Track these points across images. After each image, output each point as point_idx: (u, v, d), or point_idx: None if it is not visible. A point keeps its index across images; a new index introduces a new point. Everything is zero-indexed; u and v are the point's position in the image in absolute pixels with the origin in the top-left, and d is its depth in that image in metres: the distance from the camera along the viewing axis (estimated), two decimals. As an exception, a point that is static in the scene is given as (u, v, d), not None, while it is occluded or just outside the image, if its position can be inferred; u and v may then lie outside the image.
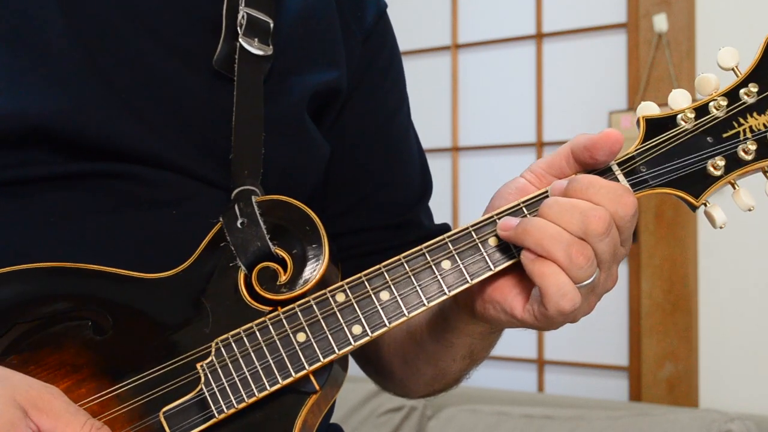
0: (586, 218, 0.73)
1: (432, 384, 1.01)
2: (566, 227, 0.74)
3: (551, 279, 0.74)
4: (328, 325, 0.78)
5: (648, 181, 0.80)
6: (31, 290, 0.79)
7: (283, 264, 0.81)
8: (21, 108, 0.82)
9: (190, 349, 0.79)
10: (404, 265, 0.79)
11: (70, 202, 0.84)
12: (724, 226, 0.80)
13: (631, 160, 0.80)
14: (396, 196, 1.04)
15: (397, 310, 0.79)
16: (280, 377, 0.78)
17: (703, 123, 0.81)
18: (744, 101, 0.81)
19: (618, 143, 0.78)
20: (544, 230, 0.74)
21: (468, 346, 0.92)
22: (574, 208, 0.74)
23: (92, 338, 0.78)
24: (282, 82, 0.92)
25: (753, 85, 0.81)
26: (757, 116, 0.81)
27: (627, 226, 0.76)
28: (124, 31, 0.87)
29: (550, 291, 0.74)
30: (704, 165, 0.80)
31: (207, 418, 0.77)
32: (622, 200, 0.75)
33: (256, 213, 0.82)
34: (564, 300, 0.74)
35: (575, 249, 0.74)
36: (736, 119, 0.81)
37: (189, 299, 0.81)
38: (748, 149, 0.80)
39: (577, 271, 0.74)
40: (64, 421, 0.71)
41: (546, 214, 0.75)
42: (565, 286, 0.74)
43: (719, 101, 0.81)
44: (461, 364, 0.95)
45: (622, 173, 0.80)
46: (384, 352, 1.03)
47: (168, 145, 0.86)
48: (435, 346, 0.94)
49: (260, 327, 0.79)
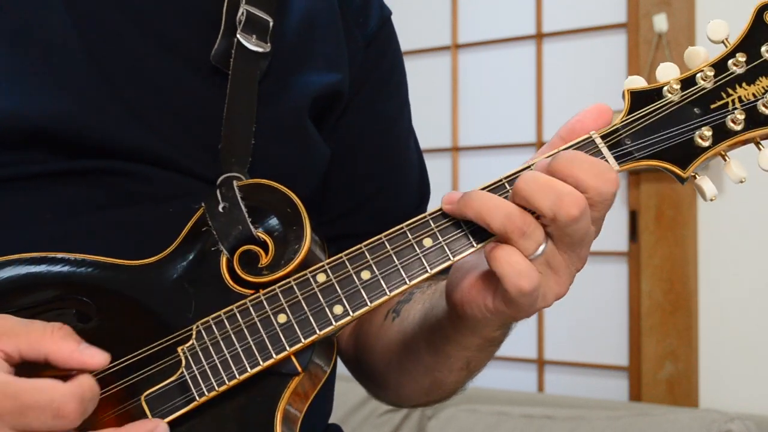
0: (559, 200, 0.72)
1: (428, 394, 1.01)
2: (537, 206, 0.73)
3: (504, 260, 0.73)
4: (308, 306, 0.78)
5: (633, 153, 0.78)
6: (15, 280, 0.79)
7: (264, 247, 0.81)
8: (21, 108, 0.82)
9: (171, 333, 0.79)
10: (385, 243, 0.78)
11: (67, 199, 0.84)
12: (715, 198, 0.78)
13: (615, 132, 0.78)
14: (394, 202, 1.05)
15: (378, 289, 0.78)
16: (261, 359, 0.77)
17: (690, 94, 0.79)
18: (732, 71, 0.80)
19: (607, 112, 0.77)
20: (483, 201, 0.74)
21: (465, 358, 0.92)
22: (549, 188, 0.72)
23: (76, 326, 0.77)
24: (281, 83, 0.92)
25: (741, 55, 0.80)
26: (746, 86, 0.79)
27: (605, 204, 0.74)
28: (126, 31, 0.87)
29: (506, 272, 0.73)
30: (691, 136, 0.78)
31: (188, 401, 0.77)
32: (605, 176, 0.73)
33: (237, 197, 0.82)
34: (521, 279, 0.73)
35: (513, 218, 0.73)
36: (724, 89, 0.79)
37: (171, 284, 0.81)
38: (737, 119, 0.78)
39: (520, 241, 0.73)
40: (24, 333, 0.70)
41: (520, 188, 0.73)
42: (519, 264, 0.73)
43: (706, 72, 0.79)
44: (457, 375, 0.95)
45: (606, 146, 0.78)
46: (378, 362, 1.03)
47: (166, 143, 0.86)
48: (432, 357, 0.94)
49: (240, 309, 0.79)
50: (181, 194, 0.86)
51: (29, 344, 0.70)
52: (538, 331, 2.66)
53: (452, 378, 0.95)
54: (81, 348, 0.71)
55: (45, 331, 0.70)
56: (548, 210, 0.72)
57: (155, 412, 0.76)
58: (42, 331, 0.70)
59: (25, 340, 0.70)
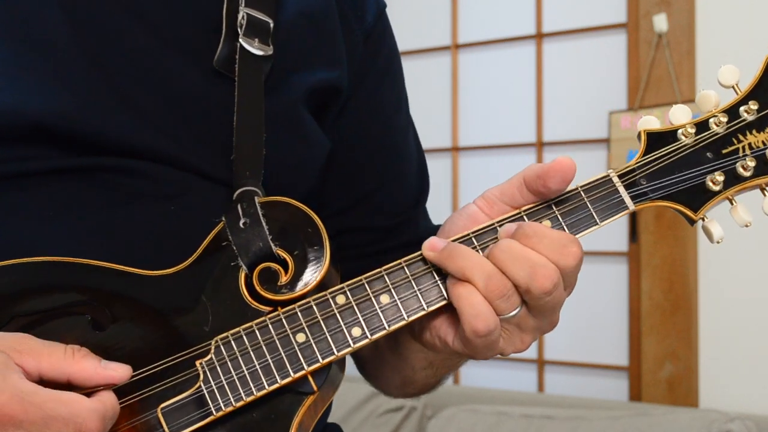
0: (534, 273, 0.74)
1: (403, 388, 1.03)
2: (512, 277, 0.75)
3: (466, 299, 0.75)
4: (327, 327, 0.79)
5: (648, 194, 0.81)
6: (30, 284, 0.79)
7: (284, 265, 0.81)
8: (21, 104, 0.82)
9: (189, 347, 0.79)
10: (405, 269, 0.80)
11: (69, 197, 0.84)
12: (721, 241, 0.81)
13: (632, 172, 0.82)
14: (394, 197, 1.05)
15: (396, 314, 0.79)
16: (278, 377, 0.78)
17: (704, 138, 0.82)
18: (744, 118, 0.82)
19: (571, 170, 0.79)
20: (467, 258, 0.76)
21: (424, 359, 0.94)
22: (525, 260, 0.75)
23: (91, 333, 0.78)
24: (281, 80, 0.92)
25: (753, 103, 0.82)
26: (756, 133, 0.82)
27: (572, 274, 0.77)
28: (126, 28, 0.87)
29: (465, 311, 0.75)
30: (703, 180, 0.81)
31: (205, 415, 0.77)
32: (565, 251, 0.76)
33: (258, 213, 0.82)
34: (477, 320, 0.75)
35: (494, 281, 0.75)
36: (735, 136, 0.82)
37: (189, 297, 0.81)
38: (747, 166, 0.81)
39: (496, 302, 0.75)
40: (46, 354, 0.71)
41: (496, 257, 0.76)
42: (479, 305, 0.75)
43: (720, 117, 0.82)
44: (423, 373, 0.97)
45: (623, 185, 0.81)
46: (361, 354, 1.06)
47: (167, 140, 0.86)
48: (392, 356, 0.96)
49: (260, 326, 0.79)
50: (182, 192, 0.86)
51: (51, 365, 0.71)
52: (538, 331, 2.66)
53: (419, 375, 0.98)
54: (104, 364, 0.73)
55: (66, 352, 0.72)
56: (522, 282, 0.75)
57: (171, 425, 0.76)
58: (63, 353, 0.72)
59: (47, 361, 0.71)
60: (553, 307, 0.78)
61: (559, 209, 0.81)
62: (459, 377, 2.80)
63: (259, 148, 0.87)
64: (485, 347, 0.78)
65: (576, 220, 0.81)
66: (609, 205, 0.81)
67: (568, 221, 0.81)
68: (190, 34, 0.90)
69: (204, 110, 0.88)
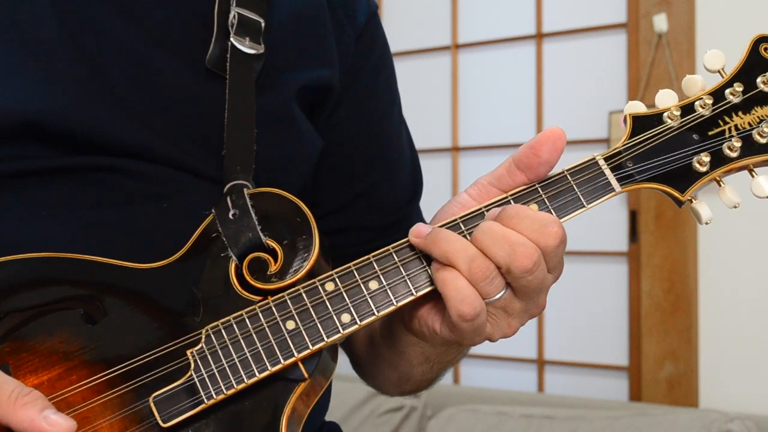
0: (514, 252, 0.75)
1: (400, 385, 1.04)
2: (493, 257, 0.76)
3: (450, 284, 0.76)
4: (317, 314, 0.79)
5: (634, 176, 0.81)
6: (23, 280, 0.79)
7: (273, 254, 0.82)
8: (14, 104, 0.83)
9: (180, 337, 0.80)
10: (393, 255, 0.81)
11: (62, 196, 0.84)
12: (710, 221, 0.82)
13: (618, 155, 0.82)
14: (387, 196, 1.05)
15: (385, 300, 0.80)
16: (269, 364, 0.78)
17: (689, 121, 0.82)
18: (729, 100, 0.83)
19: (561, 138, 0.79)
20: (450, 243, 0.76)
21: (421, 354, 0.94)
22: (504, 239, 0.75)
23: (84, 326, 0.79)
24: (273, 78, 0.93)
25: (738, 85, 0.83)
26: (742, 115, 0.82)
27: (553, 254, 0.77)
28: (117, 27, 0.88)
29: (450, 295, 0.76)
30: (690, 161, 0.81)
31: (196, 403, 0.77)
32: (545, 231, 0.76)
33: (247, 204, 0.83)
34: (462, 304, 0.75)
35: (477, 263, 0.75)
36: (721, 118, 0.82)
37: (180, 289, 0.81)
38: (734, 146, 0.81)
39: (480, 285, 0.75)
40: None
41: (478, 239, 0.76)
42: (464, 289, 0.75)
43: (705, 100, 0.83)
44: (420, 369, 0.97)
45: (609, 168, 0.81)
46: (357, 351, 1.06)
47: (159, 139, 0.87)
48: (389, 352, 0.96)
49: (250, 314, 0.79)
50: (175, 191, 0.87)
51: None
52: (538, 331, 2.66)
53: (416, 371, 0.98)
54: (44, 415, 0.70)
55: (11, 396, 0.70)
56: (503, 261, 0.75)
57: (163, 414, 0.77)
58: (8, 396, 0.70)
59: None
60: (537, 289, 0.77)
61: (545, 192, 0.81)
62: (459, 377, 2.80)
63: (249, 143, 0.88)
64: (472, 332, 0.78)
65: (563, 202, 0.81)
66: (596, 187, 0.81)
67: (555, 204, 0.81)
68: (182, 33, 0.90)
69: (196, 109, 0.89)
